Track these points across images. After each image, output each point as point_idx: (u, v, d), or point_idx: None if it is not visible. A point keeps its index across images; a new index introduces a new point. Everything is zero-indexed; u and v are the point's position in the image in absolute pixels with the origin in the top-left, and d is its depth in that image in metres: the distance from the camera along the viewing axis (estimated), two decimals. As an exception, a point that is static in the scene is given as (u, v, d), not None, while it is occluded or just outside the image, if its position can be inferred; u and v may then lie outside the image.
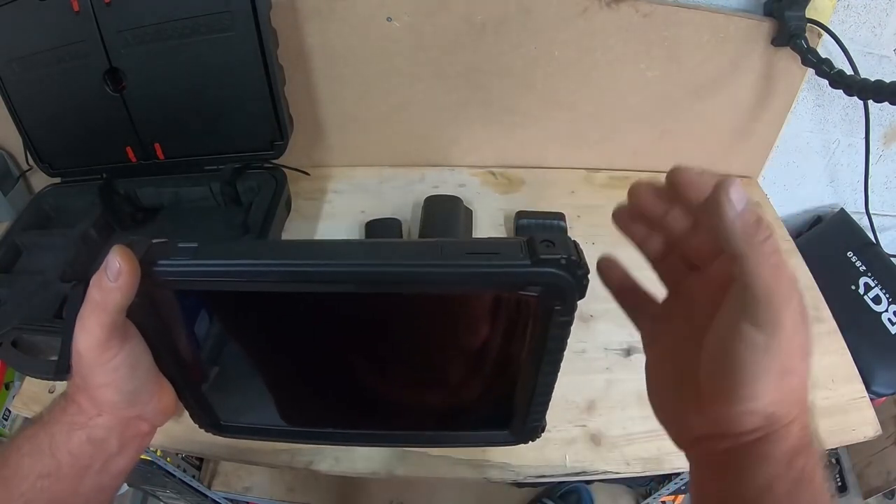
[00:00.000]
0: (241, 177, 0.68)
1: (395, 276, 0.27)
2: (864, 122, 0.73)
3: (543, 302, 0.28)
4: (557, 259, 0.26)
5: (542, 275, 0.26)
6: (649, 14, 0.66)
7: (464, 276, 0.27)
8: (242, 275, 0.28)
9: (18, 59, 0.61)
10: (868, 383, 0.68)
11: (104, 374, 0.30)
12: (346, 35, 0.68)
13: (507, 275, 0.26)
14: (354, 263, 0.27)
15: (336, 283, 0.28)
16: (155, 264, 0.28)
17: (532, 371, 0.32)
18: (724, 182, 0.24)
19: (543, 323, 0.29)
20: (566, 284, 0.26)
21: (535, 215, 0.73)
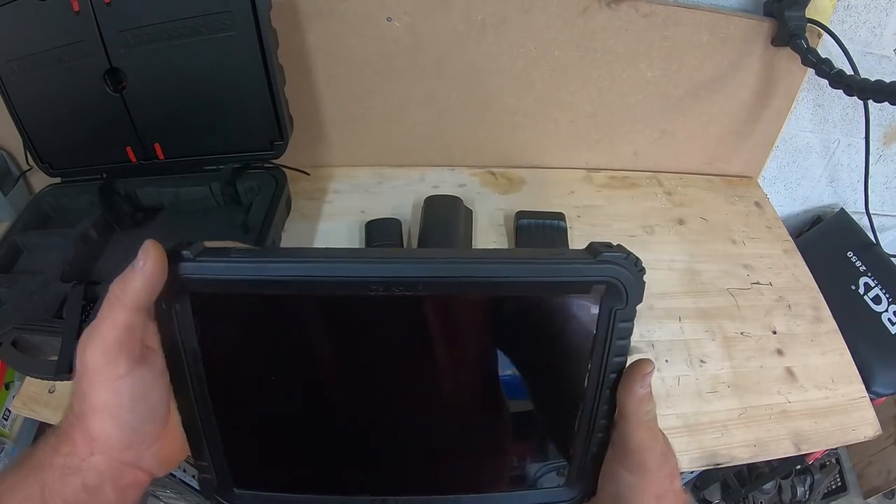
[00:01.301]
0: (241, 177, 0.68)
1: (469, 276, 0.27)
2: (864, 122, 0.73)
3: (605, 303, 0.28)
4: (619, 256, 0.27)
5: (605, 270, 0.27)
6: (649, 14, 0.66)
7: (535, 270, 0.27)
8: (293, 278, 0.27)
9: (18, 59, 0.61)
10: (868, 383, 0.68)
11: (105, 394, 0.27)
12: (346, 35, 0.68)
13: (573, 271, 0.27)
14: (422, 263, 0.27)
15: (402, 287, 0.27)
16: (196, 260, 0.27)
17: (592, 394, 0.31)
18: (637, 369, 0.30)
19: (605, 330, 0.29)
20: (627, 281, 0.27)
21: (535, 215, 0.73)
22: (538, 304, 0.30)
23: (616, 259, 0.27)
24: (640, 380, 0.29)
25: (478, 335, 0.31)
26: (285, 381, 0.32)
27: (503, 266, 0.27)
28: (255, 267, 0.27)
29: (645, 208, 0.79)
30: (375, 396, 0.33)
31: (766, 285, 0.71)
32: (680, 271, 0.71)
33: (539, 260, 0.27)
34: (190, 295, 0.28)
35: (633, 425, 0.30)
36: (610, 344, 0.29)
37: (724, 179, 0.85)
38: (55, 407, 0.58)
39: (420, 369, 0.32)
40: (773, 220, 0.80)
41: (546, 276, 0.27)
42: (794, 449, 0.57)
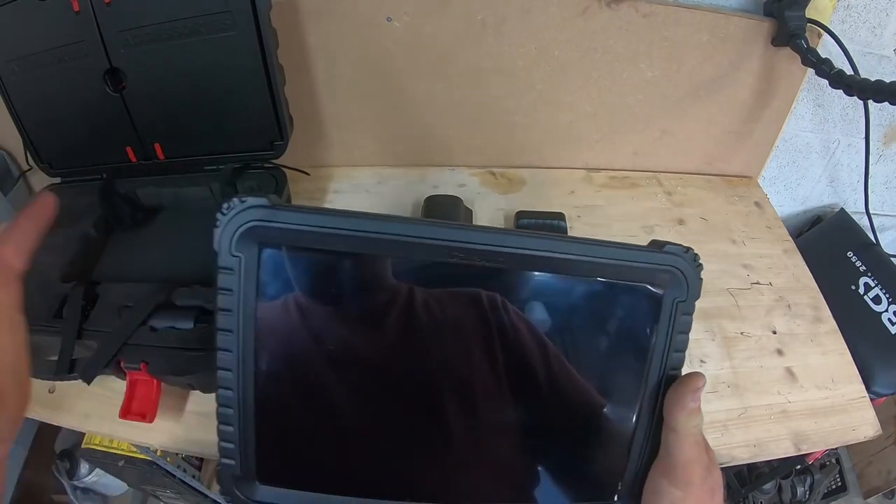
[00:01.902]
0: (241, 177, 0.68)
1: (550, 251, 0.28)
2: (864, 122, 0.73)
3: (669, 294, 0.30)
4: (680, 249, 0.30)
5: (669, 260, 0.29)
6: (649, 14, 0.66)
7: (610, 252, 0.28)
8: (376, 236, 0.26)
9: (18, 59, 0.61)
10: (868, 383, 0.68)
11: None
12: (346, 35, 0.68)
13: (644, 257, 0.29)
14: (506, 235, 0.27)
15: (483, 257, 0.27)
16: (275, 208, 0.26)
17: (652, 391, 0.31)
18: (689, 382, 0.31)
19: (667, 321, 0.30)
20: (688, 272, 0.30)
21: (535, 215, 0.73)
22: (607, 289, 0.30)
23: (678, 252, 0.30)
24: (691, 393, 0.30)
25: (548, 316, 0.30)
26: (341, 360, 0.30)
27: (581, 245, 0.28)
28: (334, 219, 0.26)
29: (645, 208, 0.79)
30: (426, 386, 0.31)
31: (766, 285, 0.71)
32: (680, 271, 0.71)
33: (613, 246, 0.29)
34: (261, 247, 0.27)
35: (681, 439, 0.30)
36: (671, 337, 0.30)
37: (724, 179, 0.85)
38: (55, 407, 0.58)
39: (478, 359, 0.31)
40: (773, 220, 0.80)
41: (619, 258, 0.29)
42: (794, 449, 0.57)
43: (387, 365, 0.30)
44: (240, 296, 0.27)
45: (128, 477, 1.03)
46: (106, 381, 0.55)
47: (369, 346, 0.30)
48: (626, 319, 0.30)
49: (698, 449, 0.30)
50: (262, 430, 0.29)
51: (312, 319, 0.29)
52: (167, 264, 0.63)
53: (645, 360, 0.30)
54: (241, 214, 0.27)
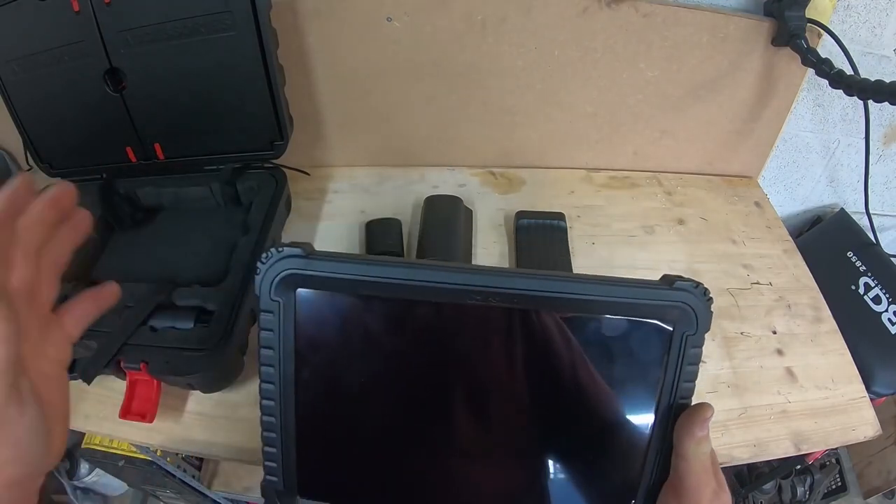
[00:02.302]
0: (241, 177, 0.68)
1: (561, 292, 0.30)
2: (864, 122, 0.73)
3: (678, 328, 0.31)
4: (690, 285, 0.31)
5: (679, 297, 0.30)
6: (649, 14, 0.66)
7: (621, 292, 0.30)
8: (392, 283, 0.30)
9: (18, 59, 0.61)
10: (868, 383, 0.68)
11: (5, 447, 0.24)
12: (346, 35, 0.68)
13: (654, 294, 0.31)
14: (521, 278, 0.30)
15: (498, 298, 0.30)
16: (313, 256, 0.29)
17: (662, 419, 0.33)
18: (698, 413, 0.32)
19: (677, 353, 0.31)
20: (698, 308, 0.31)
21: (535, 215, 0.73)
22: (618, 325, 0.32)
23: (688, 287, 0.31)
24: (699, 423, 0.31)
25: (560, 352, 0.32)
26: (372, 390, 0.33)
27: (593, 286, 0.30)
28: (363, 267, 0.30)
29: (645, 208, 0.79)
30: (454, 409, 0.34)
31: (766, 285, 0.71)
32: (680, 271, 0.70)
33: (623, 284, 0.31)
34: (297, 290, 0.30)
35: (690, 465, 0.31)
36: (681, 368, 0.32)
37: (724, 179, 0.85)
38: (55, 407, 0.58)
39: (502, 384, 0.33)
40: (773, 220, 0.80)
41: (630, 297, 0.31)
42: (794, 449, 0.57)
43: (417, 388, 0.34)
44: (280, 334, 0.31)
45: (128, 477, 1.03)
46: (106, 381, 0.55)
47: (401, 373, 0.33)
48: (637, 352, 0.32)
49: (707, 475, 0.31)
50: (302, 450, 0.33)
51: (348, 352, 0.33)
52: (167, 264, 0.63)
53: (656, 390, 0.32)
54: (278, 263, 0.30)
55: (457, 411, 0.33)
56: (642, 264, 0.71)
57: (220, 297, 0.55)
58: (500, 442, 0.34)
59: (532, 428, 0.34)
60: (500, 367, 0.33)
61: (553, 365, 0.32)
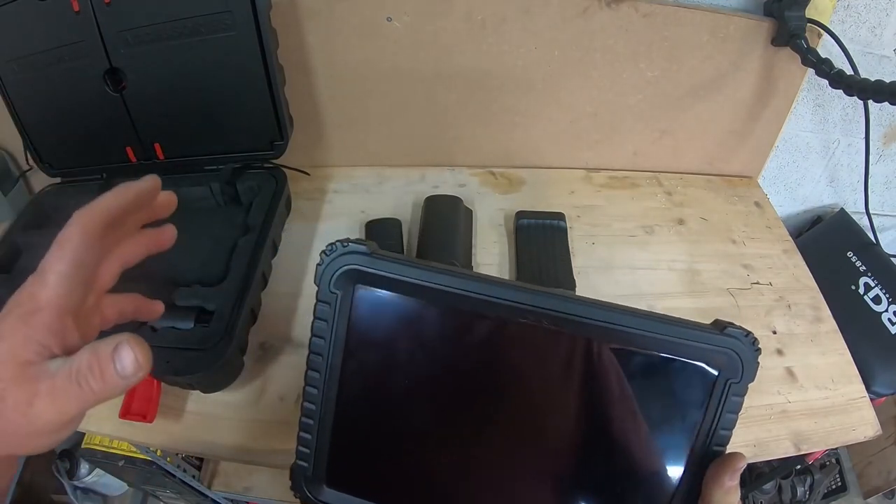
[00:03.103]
0: (241, 177, 0.68)
1: (614, 323, 0.30)
2: (864, 122, 0.73)
3: (723, 374, 0.31)
4: (741, 333, 0.30)
5: (728, 343, 0.30)
6: (649, 14, 0.66)
7: (672, 330, 0.30)
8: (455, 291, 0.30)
9: (18, 59, 0.61)
10: (868, 383, 0.68)
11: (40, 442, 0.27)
12: (346, 35, 0.68)
13: (703, 337, 0.30)
14: (578, 304, 0.30)
15: (550, 321, 0.30)
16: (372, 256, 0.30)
17: (695, 464, 0.32)
18: (730, 462, 0.32)
19: (718, 400, 0.31)
20: (745, 356, 0.30)
21: (535, 215, 0.73)
22: (665, 363, 0.31)
23: (738, 335, 0.30)
24: (730, 473, 0.31)
25: (604, 382, 0.32)
26: (414, 395, 0.33)
27: (646, 321, 0.30)
28: (425, 273, 0.30)
29: (645, 208, 0.79)
30: (490, 424, 0.34)
31: (766, 285, 0.71)
32: (680, 271, 0.71)
33: (675, 323, 0.31)
34: (356, 286, 0.31)
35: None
36: (721, 414, 0.31)
37: (724, 179, 0.85)
38: (55, 407, 0.58)
39: (542, 405, 0.33)
40: (773, 220, 0.80)
41: (681, 337, 0.31)
42: (794, 449, 0.57)
43: (458, 398, 0.34)
44: (333, 326, 0.32)
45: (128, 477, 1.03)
46: (106, 381, 0.55)
47: (445, 382, 0.33)
48: (679, 392, 0.32)
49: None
50: (336, 441, 0.34)
51: (396, 353, 0.33)
52: (167, 264, 0.62)
53: (692, 434, 0.32)
54: (342, 257, 0.31)
55: (493, 426, 0.34)
56: (642, 264, 0.71)
57: (220, 297, 0.55)
58: (531, 462, 0.34)
59: (564, 453, 0.34)
60: (542, 388, 0.33)
61: (595, 393, 0.32)
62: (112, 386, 0.26)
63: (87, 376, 0.25)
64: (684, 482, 0.32)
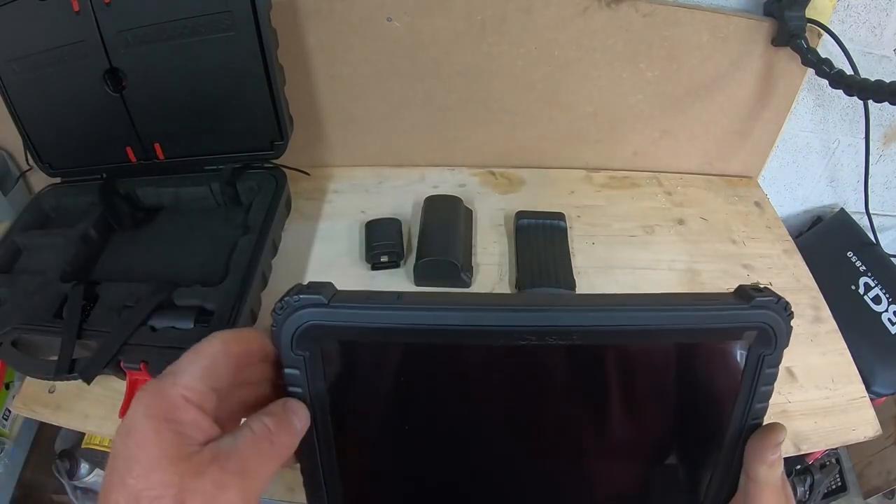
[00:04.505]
0: (241, 177, 0.68)
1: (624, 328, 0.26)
2: (864, 122, 0.73)
3: (754, 349, 0.28)
4: (770, 301, 0.27)
5: (758, 316, 0.27)
6: (649, 14, 0.66)
7: (691, 318, 0.27)
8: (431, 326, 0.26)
9: (18, 59, 0.61)
10: (868, 383, 0.68)
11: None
12: (346, 35, 0.68)
13: (728, 318, 0.27)
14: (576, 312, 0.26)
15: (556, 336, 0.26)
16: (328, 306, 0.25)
17: (732, 442, 0.31)
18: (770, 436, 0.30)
19: (752, 375, 0.29)
20: (778, 326, 0.27)
21: (535, 215, 0.73)
22: (687, 350, 0.29)
23: (768, 304, 0.27)
24: (772, 447, 0.30)
25: (626, 383, 0.30)
26: (421, 438, 0.31)
27: (659, 314, 0.27)
28: (395, 313, 0.26)
29: (645, 208, 0.79)
30: (508, 454, 0.32)
31: (766, 285, 0.71)
32: (680, 271, 0.71)
33: (693, 306, 0.27)
34: (322, 343, 0.26)
35: (760, 488, 0.30)
36: (755, 389, 0.29)
37: (724, 179, 0.85)
38: (55, 407, 0.58)
39: (561, 422, 0.31)
40: (773, 220, 0.80)
41: (701, 323, 0.27)
42: (794, 449, 0.57)
43: (469, 433, 0.32)
44: (308, 391, 0.27)
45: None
46: (106, 381, 0.55)
47: (451, 420, 0.31)
48: (707, 376, 0.30)
49: (776, 496, 0.31)
50: (348, 492, 0.31)
51: (391, 401, 0.30)
52: (167, 264, 0.63)
53: (726, 412, 0.30)
54: (297, 314, 0.26)
55: (512, 455, 0.32)
56: (642, 264, 0.71)
57: (220, 297, 0.55)
58: (563, 472, 0.33)
59: (594, 462, 0.32)
60: (560, 405, 0.30)
61: (619, 396, 0.30)
62: (294, 441, 0.26)
63: (278, 433, 0.25)
64: (723, 460, 0.31)
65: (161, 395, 0.24)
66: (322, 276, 0.68)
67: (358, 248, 0.71)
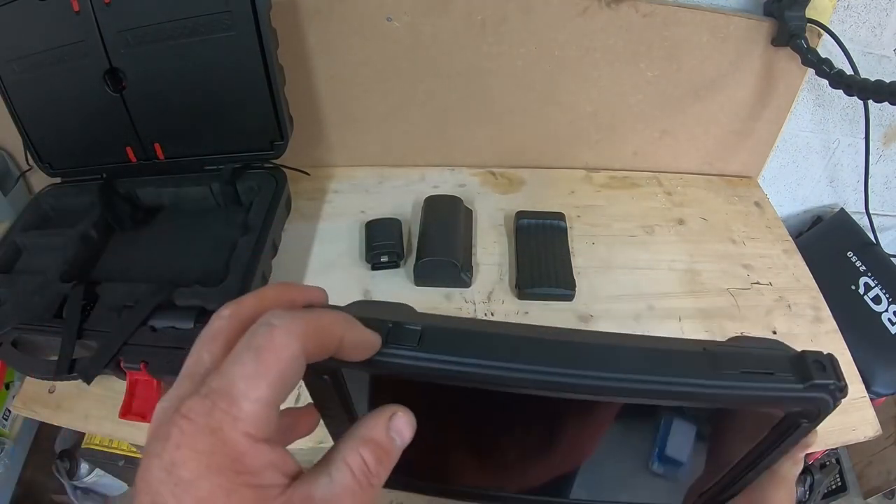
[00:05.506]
0: (241, 177, 0.68)
1: (665, 393, 0.24)
2: (864, 122, 0.73)
3: (790, 418, 0.27)
4: (828, 385, 0.24)
5: (810, 400, 0.25)
6: (649, 14, 0.66)
7: (737, 398, 0.25)
8: (481, 376, 0.24)
9: (18, 59, 0.61)
10: (868, 383, 0.68)
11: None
12: (346, 35, 0.68)
13: (778, 399, 0.25)
14: (621, 377, 0.24)
15: (595, 394, 0.25)
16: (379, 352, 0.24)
17: (745, 469, 0.31)
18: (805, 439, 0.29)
19: (781, 434, 0.28)
20: (826, 409, 0.25)
21: (535, 215, 0.73)
22: (723, 413, 0.29)
23: (826, 387, 0.24)
24: (801, 447, 0.29)
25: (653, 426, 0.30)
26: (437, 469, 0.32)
27: (698, 389, 0.24)
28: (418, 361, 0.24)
29: (645, 208, 0.79)
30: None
31: (766, 285, 0.71)
32: (680, 271, 0.71)
33: (739, 382, 0.24)
34: (371, 376, 0.25)
35: (777, 482, 0.31)
36: (779, 446, 0.28)
37: (724, 179, 0.85)
38: (55, 407, 0.58)
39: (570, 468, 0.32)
40: (773, 220, 0.80)
41: (744, 398, 0.25)
42: (794, 449, 0.57)
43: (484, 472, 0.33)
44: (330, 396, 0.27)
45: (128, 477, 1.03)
46: (106, 381, 0.55)
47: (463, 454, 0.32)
48: (735, 429, 0.30)
49: (787, 494, 0.32)
50: None
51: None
52: (167, 264, 0.63)
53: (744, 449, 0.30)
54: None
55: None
56: (642, 264, 0.71)
57: (220, 297, 0.55)
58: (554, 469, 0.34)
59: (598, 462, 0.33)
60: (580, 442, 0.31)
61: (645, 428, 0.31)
62: (394, 462, 0.22)
63: (379, 470, 0.21)
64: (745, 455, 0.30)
65: (221, 440, 0.18)
66: (322, 276, 0.68)
67: (358, 248, 0.71)
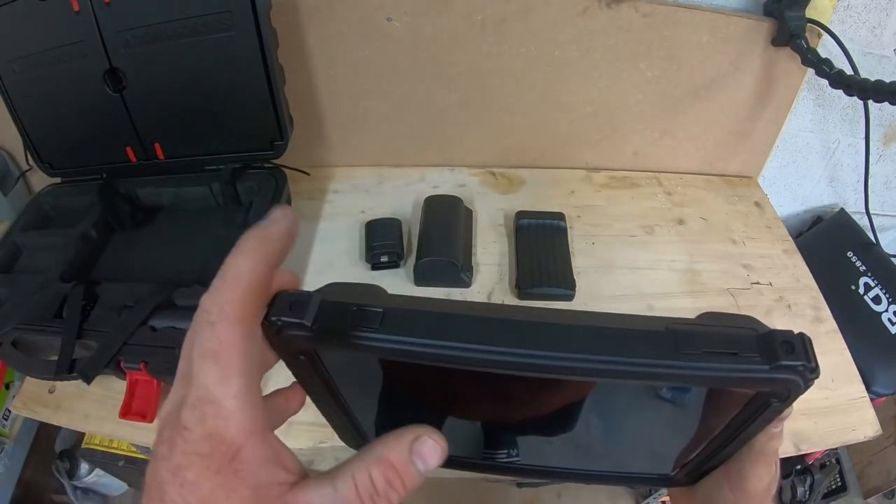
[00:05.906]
0: (241, 177, 0.68)
1: (620, 372, 0.24)
2: (864, 122, 0.73)
3: (760, 397, 0.27)
4: (796, 366, 0.24)
5: (777, 381, 0.24)
6: (649, 14, 0.66)
7: (697, 378, 0.25)
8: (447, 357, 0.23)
9: (18, 59, 0.61)
10: (868, 383, 0.68)
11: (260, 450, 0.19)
12: (346, 35, 0.68)
13: (742, 380, 0.25)
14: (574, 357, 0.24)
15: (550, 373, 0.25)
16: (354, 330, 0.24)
17: (724, 442, 0.31)
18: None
19: (753, 412, 0.28)
20: (796, 389, 0.25)
21: (535, 215, 0.73)
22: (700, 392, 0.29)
23: (794, 368, 0.24)
24: (778, 423, 0.30)
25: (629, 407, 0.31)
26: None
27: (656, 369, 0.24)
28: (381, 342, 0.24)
29: (645, 208, 0.79)
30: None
31: (766, 285, 0.71)
32: (680, 271, 0.71)
33: (700, 363, 0.25)
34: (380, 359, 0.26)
35: (755, 457, 0.31)
36: (752, 423, 0.29)
37: (724, 179, 0.85)
38: (55, 407, 0.58)
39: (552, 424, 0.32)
40: (773, 220, 0.80)
41: (705, 379, 0.25)
42: (794, 449, 0.57)
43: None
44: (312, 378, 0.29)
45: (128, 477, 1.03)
46: (106, 381, 0.55)
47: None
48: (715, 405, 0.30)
49: (767, 469, 0.32)
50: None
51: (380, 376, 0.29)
52: (167, 264, 0.63)
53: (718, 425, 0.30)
54: (284, 335, 0.25)
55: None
56: (642, 264, 0.71)
57: (220, 297, 0.55)
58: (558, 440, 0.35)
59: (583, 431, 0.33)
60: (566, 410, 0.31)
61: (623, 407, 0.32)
62: (413, 488, 0.21)
63: (386, 492, 0.20)
64: (722, 429, 0.30)
65: (219, 441, 0.19)
66: (322, 276, 0.68)
67: (358, 248, 0.71)
